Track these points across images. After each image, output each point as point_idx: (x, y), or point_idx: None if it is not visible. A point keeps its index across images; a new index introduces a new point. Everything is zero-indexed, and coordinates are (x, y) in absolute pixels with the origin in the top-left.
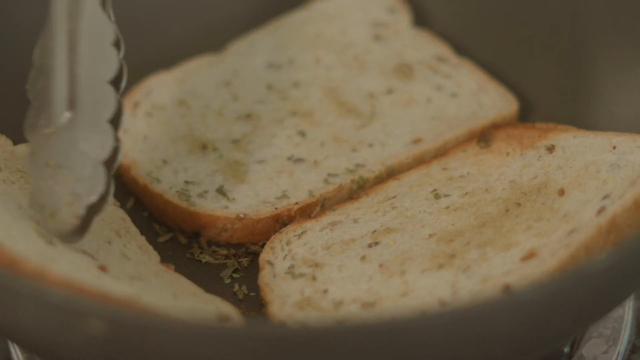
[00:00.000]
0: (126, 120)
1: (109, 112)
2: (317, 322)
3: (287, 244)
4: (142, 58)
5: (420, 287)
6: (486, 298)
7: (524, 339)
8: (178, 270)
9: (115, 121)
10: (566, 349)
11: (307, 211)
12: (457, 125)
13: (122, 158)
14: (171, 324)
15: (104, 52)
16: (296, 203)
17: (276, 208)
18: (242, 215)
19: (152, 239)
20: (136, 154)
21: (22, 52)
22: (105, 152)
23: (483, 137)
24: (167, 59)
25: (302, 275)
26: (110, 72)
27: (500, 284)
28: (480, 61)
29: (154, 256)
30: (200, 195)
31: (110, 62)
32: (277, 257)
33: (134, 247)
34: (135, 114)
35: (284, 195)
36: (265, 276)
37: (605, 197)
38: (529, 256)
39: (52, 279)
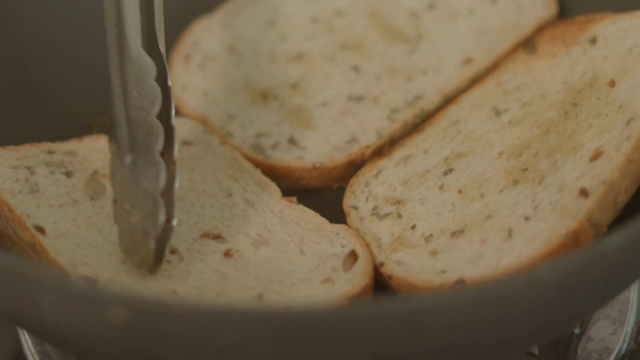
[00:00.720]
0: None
1: (158, 144)
2: (325, 307)
3: (366, 185)
4: (182, 3)
5: (502, 206)
6: (507, 278)
7: (545, 318)
8: None
9: (168, 148)
10: (576, 331)
11: (377, 152)
12: (503, 38)
13: (192, 113)
14: (193, 310)
15: (148, 88)
16: (367, 147)
17: (349, 154)
18: (318, 165)
19: None
20: (202, 109)
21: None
22: (159, 184)
23: (529, 43)
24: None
25: (387, 215)
26: (156, 105)
27: (576, 189)
28: None
29: (274, 190)
30: (274, 147)
31: (154, 96)
32: (359, 201)
33: (254, 187)
34: (189, 67)
35: (354, 139)
36: (352, 221)
37: None
38: (597, 156)
39: None
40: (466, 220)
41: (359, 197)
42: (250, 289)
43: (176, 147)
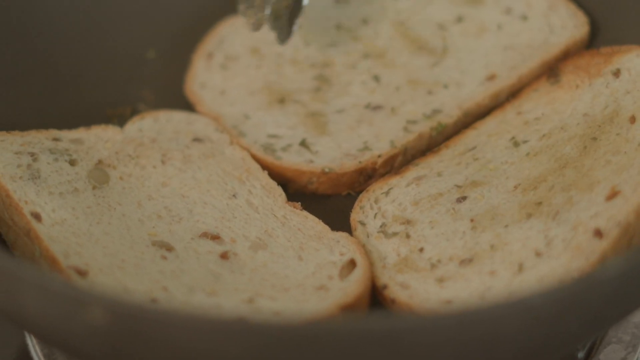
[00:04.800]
0: None
1: None
2: (302, 321)
3: (376, 202)
4: (210, 2)
5: (514, 239)
6: (494, 301)
7: (532, 342)
8: None
9: None
10: (580, 354)
11: (389, 162)
12: (530, 56)
13: (208, 111)
14: (168, 315)
15: None
16: (379, 156)
17: (360, 162)
18: (327, 170)
19: None
20: (217, 107)
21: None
22: None
23: (552, 72)
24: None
25: (395, 234)
26: None
27: (590, 229)
28: None
29: (279, 194)
30: (284, 149)
31: None
32: (367, 217)
33: (259, 190)
34: (210, 66)
35: (366, 147)
36: (359, 236)
37: None
38: (613, 195)
39: None
40: (476, 250)
41: (367, 212)
42: (242, 292)
43: None
